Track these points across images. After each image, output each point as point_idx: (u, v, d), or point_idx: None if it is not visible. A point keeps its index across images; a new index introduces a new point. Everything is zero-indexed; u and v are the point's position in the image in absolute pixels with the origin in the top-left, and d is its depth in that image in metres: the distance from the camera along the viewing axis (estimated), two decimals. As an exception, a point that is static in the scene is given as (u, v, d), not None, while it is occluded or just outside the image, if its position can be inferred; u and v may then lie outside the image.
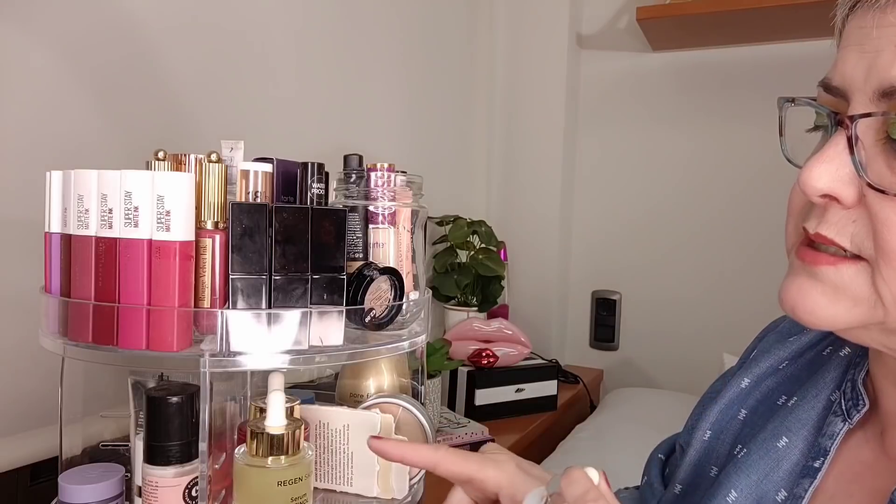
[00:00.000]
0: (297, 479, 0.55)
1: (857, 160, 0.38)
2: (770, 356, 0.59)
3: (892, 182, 0.38)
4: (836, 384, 0.52)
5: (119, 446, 0.64)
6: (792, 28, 1.59)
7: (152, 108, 0.95)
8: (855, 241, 0.40)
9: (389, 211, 0.69)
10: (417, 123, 1.62)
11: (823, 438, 0.49)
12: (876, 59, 0.38)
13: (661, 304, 1.87)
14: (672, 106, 1.83)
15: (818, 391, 0.53)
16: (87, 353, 0.53)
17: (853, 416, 0.48)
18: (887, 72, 0.37)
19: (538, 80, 1.88)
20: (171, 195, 0.50)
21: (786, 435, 0.51)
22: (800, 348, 0.59)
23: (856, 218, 0.40)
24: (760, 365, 0.59)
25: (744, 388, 0.59)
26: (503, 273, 1.63)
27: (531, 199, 1.91)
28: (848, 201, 0.39)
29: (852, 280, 0.40)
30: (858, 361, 0.52)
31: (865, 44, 0.39)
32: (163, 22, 0.96)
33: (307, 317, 0.55)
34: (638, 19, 1.64)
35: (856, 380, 0.51)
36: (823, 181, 0.39)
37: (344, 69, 1.34)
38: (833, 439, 0.48)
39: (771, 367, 0.59)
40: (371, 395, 0.38)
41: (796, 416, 0.52)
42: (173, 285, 0.51)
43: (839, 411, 0.50)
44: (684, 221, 1.82)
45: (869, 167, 0.39)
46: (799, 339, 0.59)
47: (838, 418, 0.49)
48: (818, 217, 0.41)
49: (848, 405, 0.49)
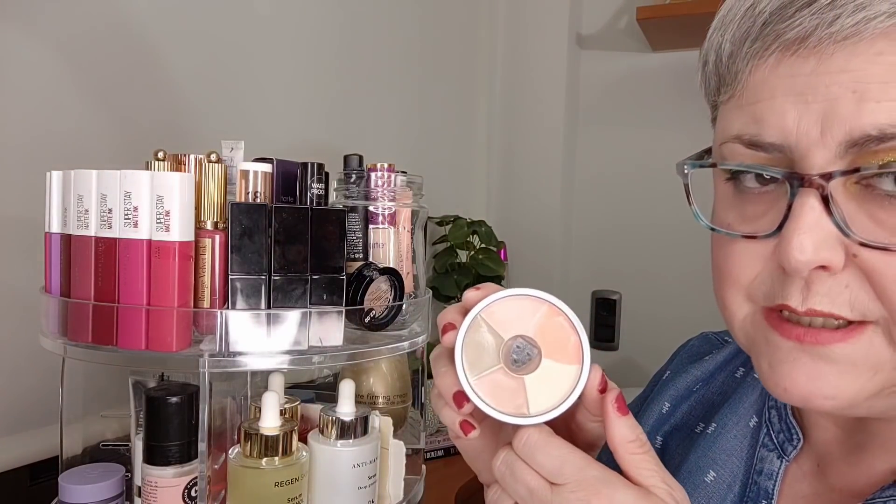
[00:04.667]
0: (293, 479, 0.55)
1: (838, 221, 0.35)
2: (685, 376, 0.57)
3: (885, 235, 0.35)
4: (756, 409, 0.50)
5: (119, 446, 0.64)
6: (792, 28, 1.59)
7: (152, 108, 0.95)
8: (856, 307, 0.36)
9: (389, 211, 0.69)
10: (417, 123, 1.62)
11: (761, 478, 0.47)
12: (832, 109, 0.34)
13: (661, 304, 1.87)
14: (672, 106, 1.83)
15: (738, 418, 0.50)
16: (87, 353, 0.53)
17: (789, 452, 0.46)
18: (856, 121, 0.34)
19: (538, 80, 1.88)
20: (171, 195, 0.50)
21: (712, 468, 0.49)
22: (714, 367, 0.56)
23: (848, 282, 0.36)
24: (676, 386, 0.57)
25: (664, 413, 0.57)
26: (503, 273, 1.63)
27: (531, 199, 1.91)
28: (838, 267, 0.35)
29: (869, 350, 0.36)
30: None
31: (808, 94, 0.35)
32: (163, 22, 0.96)
33: (307, 317, 0.55)
34: (638, 19, 1.64)
35: (782, 410, 0.48)
36: (812, 253, 0.35)
37: (344, 69, 1.34)
38: (773, 479, 0.46)
39: (686, 390, 0.57)
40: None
41: (720, 447, 0.50)
42: (173, 285, 0.51)
43: (770, 444, 0.47)
44: (684, 221, 1.82)
45: (852, 224, 0.35)
46: (714, 358, 0.57)
47: (772, 454, 0.47)
48: (801, 291, 0.37)
49: (779, 438, 0.47)
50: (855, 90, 0.34)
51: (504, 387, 0.37)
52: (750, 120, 0.38)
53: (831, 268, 0.36)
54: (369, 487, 0.59)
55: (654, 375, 0.63)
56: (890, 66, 0.33)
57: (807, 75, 0.35)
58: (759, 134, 0.37)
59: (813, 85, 0.35)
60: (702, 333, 0.62)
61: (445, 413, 0.40)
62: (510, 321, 0.37)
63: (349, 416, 0.59)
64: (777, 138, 0.36)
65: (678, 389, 0.57)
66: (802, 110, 0.35)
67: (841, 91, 0.34)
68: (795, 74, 0.36)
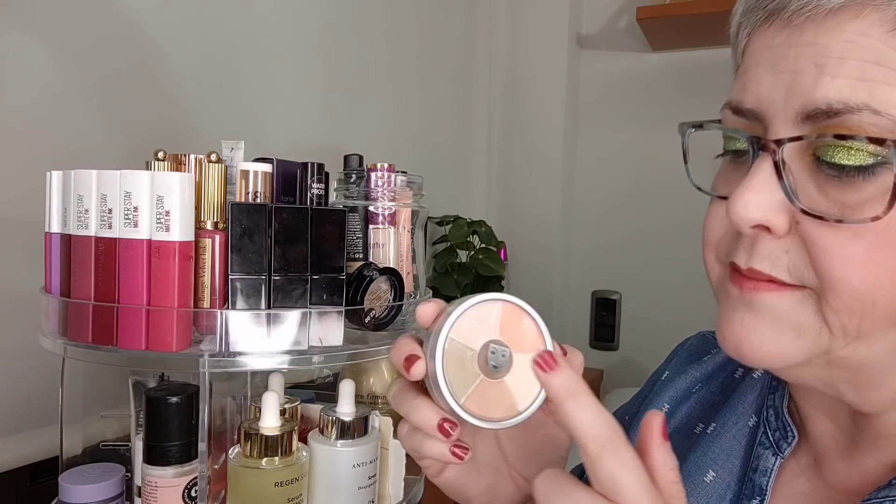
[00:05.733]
0: (293, 479, 0.55)
1: (787, 186, 0.36)
2: (684, 377, 0.57)
3: (827, 207, 0.36)
4: (755, 409, 0.50)
5: (119, 446, 0.64)
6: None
7: (152, 108, 0.95)
8: (794, 273, 0.38)
9: (389, 211, 0.69)
10: (418, 123, 1.62)
11: (756, 475, 0.47)
12: (796, 80, 0.36)
13: (661, 305, 1.87)
14: (672, 106, 1.83)
15: (737, 418, 0.50)
16: (87, 353, 0.53)
17: (784, 449, 0.47)
18: (811, 94, 0.35)
19: (538, 80, 1.88)
20: (171, 195, 0.50)
21: (712, 468, 0.49)
22: (714, 367, 0.57)
23: (788, 248, 0.37)
24: (676, 387, 0.57)
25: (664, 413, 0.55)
26: (503, 273, 1.63)
27: (531, 199, 1.91)
28: (780, 230, 0.37)
29: (795, 308, 0.38)
30: (776, 386, 0.50)
31: (779, 63, 0.37)
32: (163, 22, 0.96)
33: (307, 317, 0.55)
34: (638, 19, 1.64)
35: (779, 408, 0.49)
36: (754, 211, 0.37)
37: (344, 69, 1.34)
38: (767, 476, 0.46)
39: (687, 390, 0.57)
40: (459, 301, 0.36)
41: (719, 447, 0.50)
42: (173, 285, 0.51)
43: (766, 442, 0.48)
44: (684, 221, 1.82)
45: (800, 192, 0.36)
46: (713, 358, 0.57)
47: (768, 451, 0.47)
48: (747, 250, 0.39)
49: (775, 436, 0.47)
50: (817, 63, 0.35)
51: (490, 396, 0.36)
52: (739, 87, 0.40)
53: (774, 230, 0.37)
54: (369, 487, 0.59)
55: (651, 375, 0.63)
56: (847, 43, 0.34)
57: (782, 46, 0.37)
58: (741, 101, 0.39)
59: (784, 56, 0.37)
60: (699, 333, 0.62)
61: (429, 446, 0.39)
62: (475, 331, 0.37)
63: (349, 416, 0.59)
64: (753, 104, 0.38)
65: (677, 390, 0.57)
66: (774, 80, 0.37)
67: (805, 63, 0.36)
68: (773, 45, 0.38)
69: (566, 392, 0.34)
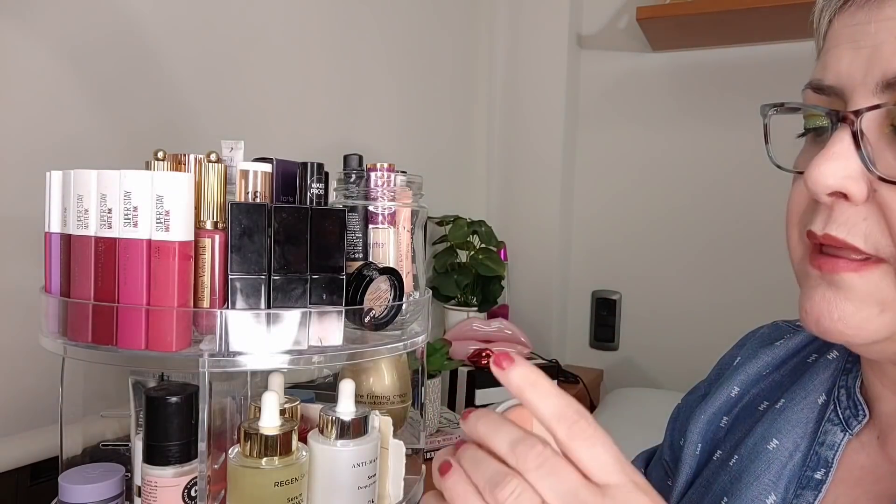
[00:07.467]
0: (293, 479, 0.55)
1: (864, 155, 0.38)
2: (756, 361, 0.58)
3: None
4: (826, 388, 0.51)
5: (119, 446, 0.64)
6: (792, 28, 1.59)
7: (152, 108, 0.95)
8: (870, 240, 0.39)
9: (389, 211, 0.69)
10: (417, 123, 1.62)
11: (822, 448, 0.48)
12: (876, 53, 0.37)
13: (661, 304, 1.87)
14: (672, 106, 1.83)
15: (806, 394, 0.52)
16: (87, 353, 0.53)
17: (853, 427, 0.48)
18: (890, 63, 0.37)
19: (538, 80, 1.88)
20: (171, 195, 0.50)
21: (776, 437, 0.50)
22: (786, 353, 0.57)
23: (866, 216, 0.39)
24: (748, 371, 0.58)
25: (733, 396, 0.58)
26: (503, 273, 1.63)
27: (531, 199, 1.91)
28: (858, 198, 0.38)
29: (878, 284, 0.39)
30: (850, 368, 0.51)
31: (860, 40, 0.38)
32: (163, 22, 0.96)
33: (306, 317, 0.55)
34: (638, 19, 1.64)
35: (851, 388, 0.50)
36: (832, 178, 0.38)
37: (344, 69, 1.34)
38: (834, 450, 0.47)
39: (758, 374, 0.57)
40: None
41: (786, 418, 0.51)
42: (172, 285, 0.51)
43: (836, 419, 0.49)
44: (684, 221, 1.82)
45: (878, 161, 0.38)
46: (786, 344, 0.58)
47: (836, 427, 0.48)
48: (825, 218, 0.40)
49: (845, 414, 0.49)
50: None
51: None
52: (821, 67, 0.42)
53: (851, 197, 0.38)
54: (369, 487, 0.59)
55: (719, 361, 0.64)
56: None
57: (861, 24, 0.39)
58: (822, 78, 0.41)
59: (864, 32, 0.38)
60: (773, 322, 0.63)
61: None
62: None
63: (349, 415, 0.59)
64: (833, 81, 0.40)
65: (748, 374, 0.58)
66: (854, 55, 0.39)
67: (886, 36, 0.37)
68: (854, 24, 0.39)
69: (525, 382, 0.36)
